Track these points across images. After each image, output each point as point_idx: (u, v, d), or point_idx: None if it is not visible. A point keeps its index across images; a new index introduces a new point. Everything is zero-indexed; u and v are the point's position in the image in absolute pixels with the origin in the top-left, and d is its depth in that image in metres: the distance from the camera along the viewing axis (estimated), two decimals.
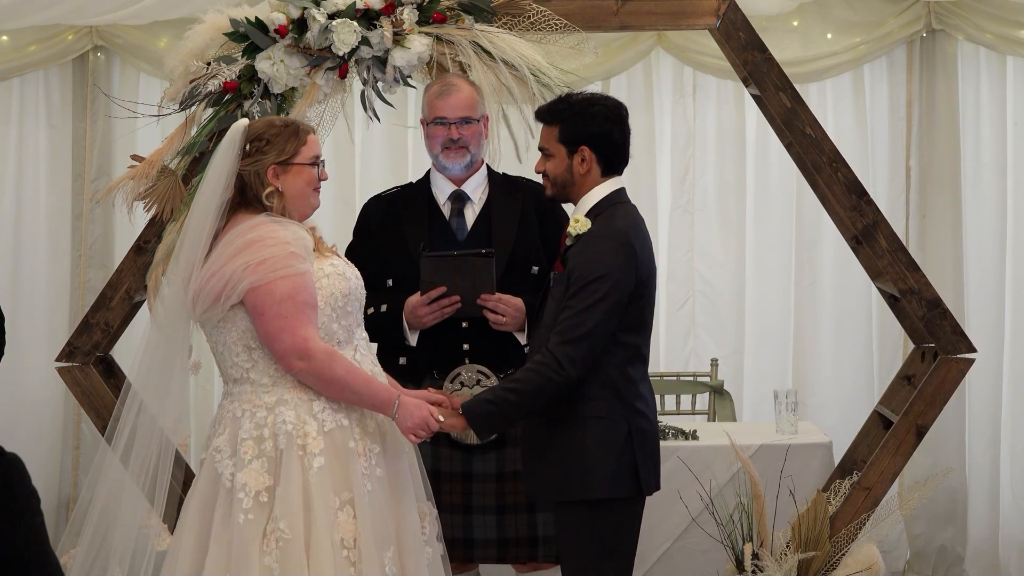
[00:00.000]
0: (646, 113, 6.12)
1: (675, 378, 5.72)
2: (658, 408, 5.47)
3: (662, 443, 4.41)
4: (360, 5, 3.94)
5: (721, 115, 6.15)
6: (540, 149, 3.48)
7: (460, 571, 3.79)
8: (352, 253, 3.89)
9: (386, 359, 3.72)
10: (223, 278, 3.19)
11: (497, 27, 3.96)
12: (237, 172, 3.27)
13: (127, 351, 5.18)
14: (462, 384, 3.75)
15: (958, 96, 5.98)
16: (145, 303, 4.14)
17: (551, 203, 3.73)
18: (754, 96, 4.38)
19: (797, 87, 4.33)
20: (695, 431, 4.54)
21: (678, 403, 5.63)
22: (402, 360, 3.82)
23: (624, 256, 3.36)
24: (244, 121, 3.34)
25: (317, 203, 3.37)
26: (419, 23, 3.94)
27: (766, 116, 4.40)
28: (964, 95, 6.00)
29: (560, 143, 3.43)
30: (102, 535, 3.34)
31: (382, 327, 3.79)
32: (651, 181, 6.13)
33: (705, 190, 6.16)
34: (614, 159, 3.46)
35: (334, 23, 3.91)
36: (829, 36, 5.99)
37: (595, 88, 5.98)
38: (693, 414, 5.66)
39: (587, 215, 3.44)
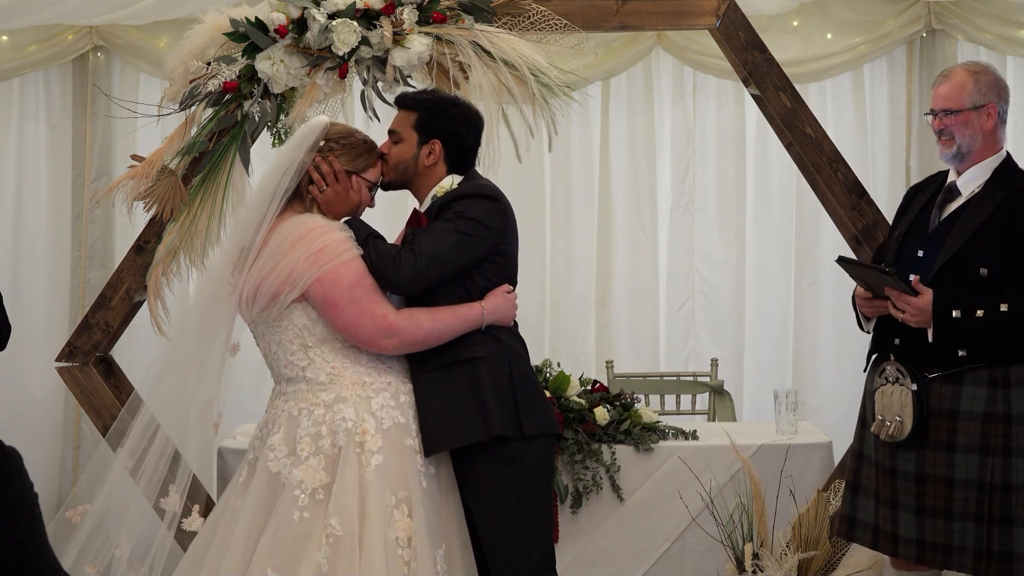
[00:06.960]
0: (646, 113, 6.12)
1: (675, 378, 5.71)
2: (658, 408, 5.52)
3: (662, 443, 4.44)
4: (360, 5, 3.94)
5: (721, 115, 6.15)
6: (390, 132, 3.46)
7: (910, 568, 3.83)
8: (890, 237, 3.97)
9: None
10: (283, 273, 3.18)
11: (497, 27, 3.96)
12: (306, 163, 3.28)
13: (127, 351, 5.21)
14: (886, 380, 3.75)
15: None
16: (145, 303, 4.14)
17: None
18: (754, 96, 4.38)
19: (797, 87, 4.34)
20: (695, 431, 4.54)
21: (678, 403, 5.63)
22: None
23: (496, 211, 3.34)
24: (325, 118, 3.36)
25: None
26: (419, 23, 3.94)
27: (766, 116, 4.40)
28: None
29: (414, 129, 3.42)
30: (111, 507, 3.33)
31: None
32: (651, 181, 6.14)
33: (705, 190, 6.16)
34: (461, 160, 3.44)
35: (334, 23, 3.91)
36: (829, 36, 5.99)
37: (595, 88, 6.00)
38: (693, 414, 5.66)
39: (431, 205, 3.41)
